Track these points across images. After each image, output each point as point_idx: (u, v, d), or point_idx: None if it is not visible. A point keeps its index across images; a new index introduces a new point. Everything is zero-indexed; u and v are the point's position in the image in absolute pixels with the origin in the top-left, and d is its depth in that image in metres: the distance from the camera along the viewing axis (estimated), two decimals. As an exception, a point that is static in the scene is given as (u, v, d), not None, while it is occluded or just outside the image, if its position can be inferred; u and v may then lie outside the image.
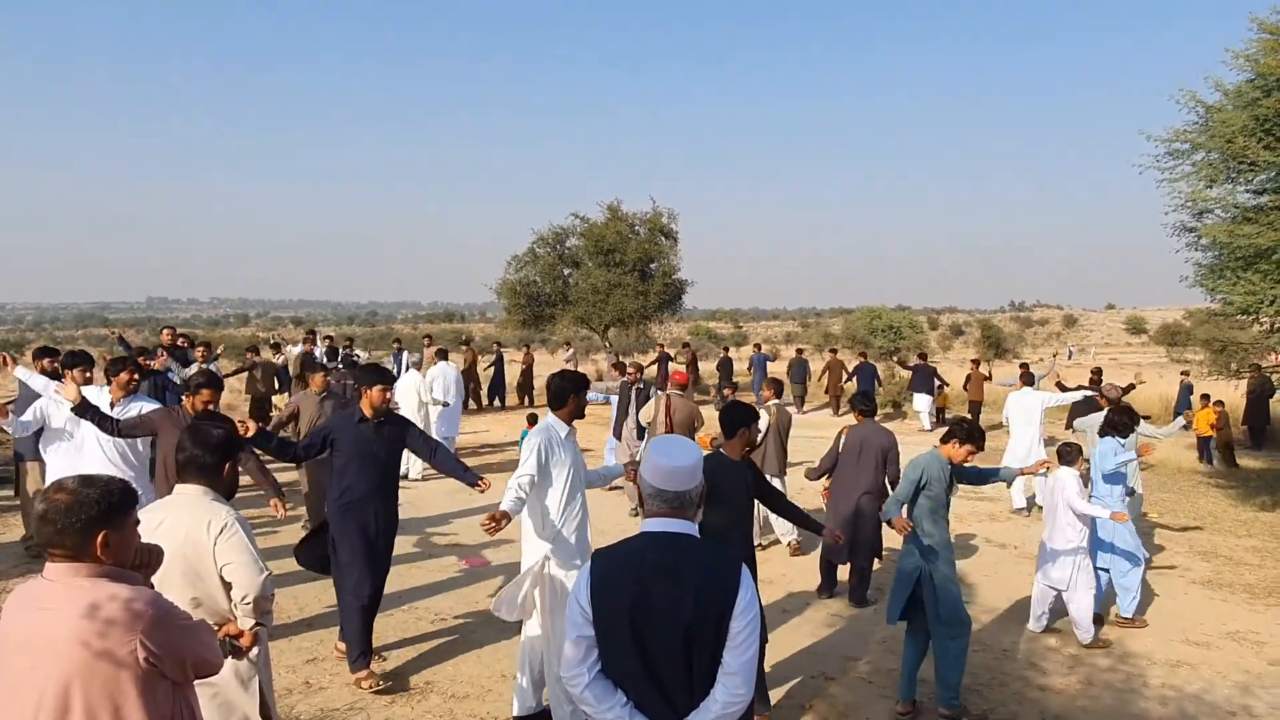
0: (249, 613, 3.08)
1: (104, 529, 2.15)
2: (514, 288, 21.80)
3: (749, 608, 2.23)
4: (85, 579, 2.11)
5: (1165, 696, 5.23)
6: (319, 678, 5.06)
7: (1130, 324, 71.67)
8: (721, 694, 2.21)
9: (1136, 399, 19.48)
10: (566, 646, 2.28)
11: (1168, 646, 6.04)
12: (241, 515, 3.18)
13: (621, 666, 2.24)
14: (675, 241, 22.12)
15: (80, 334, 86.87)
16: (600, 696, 2.23)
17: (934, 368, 18.88)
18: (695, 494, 2.36)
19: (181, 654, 2.20)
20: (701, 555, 2.28)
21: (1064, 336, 77.25)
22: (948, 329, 68.90)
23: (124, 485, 2.25)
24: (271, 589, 3.16)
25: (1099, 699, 5.18)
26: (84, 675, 2.06)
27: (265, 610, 3.15)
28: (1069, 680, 5.41)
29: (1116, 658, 5.83)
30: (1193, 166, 9.47)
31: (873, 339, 28.60)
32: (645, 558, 2.27)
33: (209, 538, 3.05)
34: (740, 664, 2.21)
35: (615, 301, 20.73)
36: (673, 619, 2.19)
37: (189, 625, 2.28)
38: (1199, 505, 10.98)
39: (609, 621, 2.23)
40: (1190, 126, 9.59)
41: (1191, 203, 9.56)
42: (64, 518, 2.11)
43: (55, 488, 2.15)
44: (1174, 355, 41.57)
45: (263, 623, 3.14)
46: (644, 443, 8.51)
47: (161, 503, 3.31)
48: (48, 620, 2.07)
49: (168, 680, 2.19)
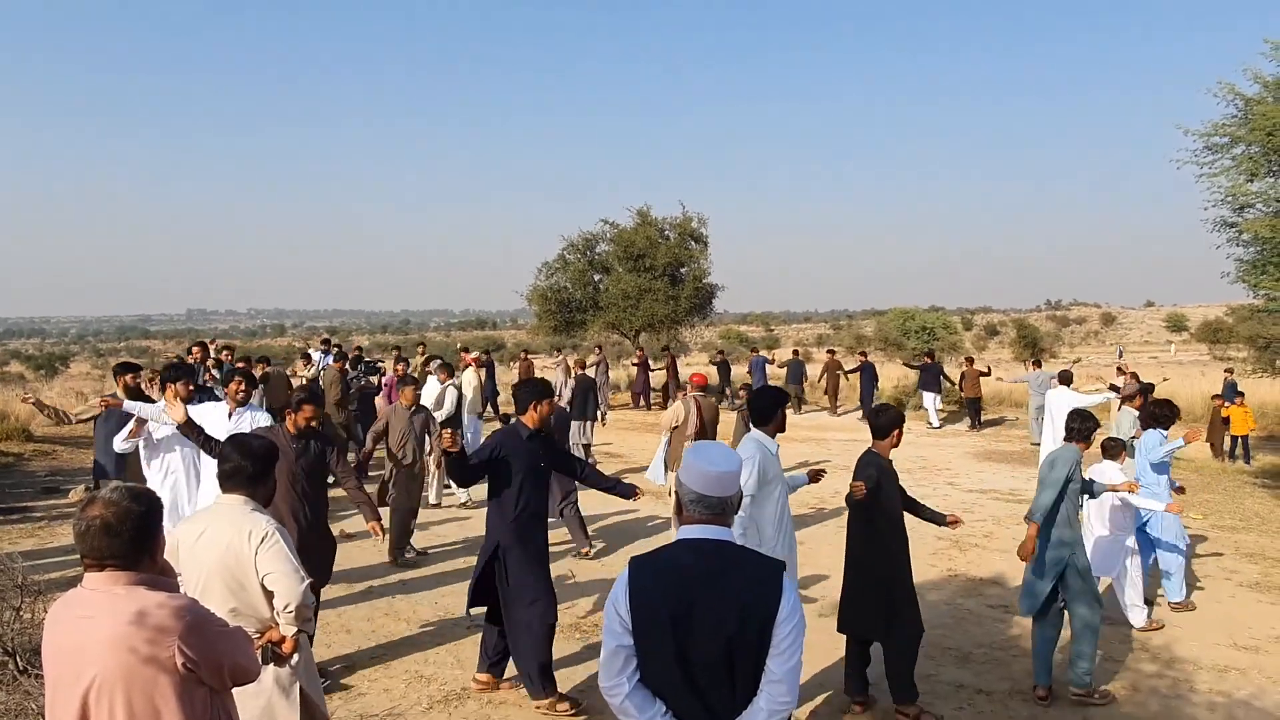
0: (291, 621, 3.13)
1: (152, 539, 2.22)
2: (545, 294, 21.92)
3: (792, 614, 2.20)
4: (123, 587, 2.15)
5: (1214, 702, 5.11)
6: (357, 683, 5.10)
7: (1170, 321, 70.44)
8: (766, 701, 2.19)
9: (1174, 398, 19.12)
10: (604, 656, 2.26)
11: (1215, 651, 5.90)
12: (281, 525, 3.23)
13: (662, 676, 2.22)
14: (705, 246, 22.12)
15: (123, 345, 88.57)
16: (641, 706, 2.21)
17: (940, 366, 18.92)
18: (736, 500, 2.34)
19: (218, 659, 2.23)
20: (743, 563, 2.26)
21: (1101, 335, 76.07)
22: (982, 329, 68.13)
23: (157, 496, 2.31)
24: (312, 598, 3.22)
25: (1145, 705, 5.08)
26: (125, 680, 2.09)
27: (306, 618, 3.20)
28: (1114, 686, 5.30)
29: (1163, 663, 5.71)
30: (1232, 160, 9.29)
31: (906, 340, 28.37)
32: (686, 566, 2.24)
33: (250, 547, 3.10)
34: (785, 670, 2.19)
35: (646, 307, 20.76)
36: (715, 629, 2.17)
37: (225, 631, 2.31)
38: (1245, 506, 10.74)
39: (649, 631, 2.20)
40: (1229, 120, 9.41)
41: (1232, 197, 9.38)
42: (118, 528, 2.15)
43: (104, 501, 2.18)
44: (1216, 353, 40.77)
45: (304, 629, 3.19)
46: (662, 450, 8.51)
47: (202, 513, 3.37)
48: (89, 628, 2.11)
49: (205, 686, 2.23)
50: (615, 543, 8.45)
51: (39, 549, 7.75)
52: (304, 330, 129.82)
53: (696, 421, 8.25)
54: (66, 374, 43.21)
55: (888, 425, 4.78)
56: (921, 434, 17.23)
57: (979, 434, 17.21)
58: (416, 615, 6.31)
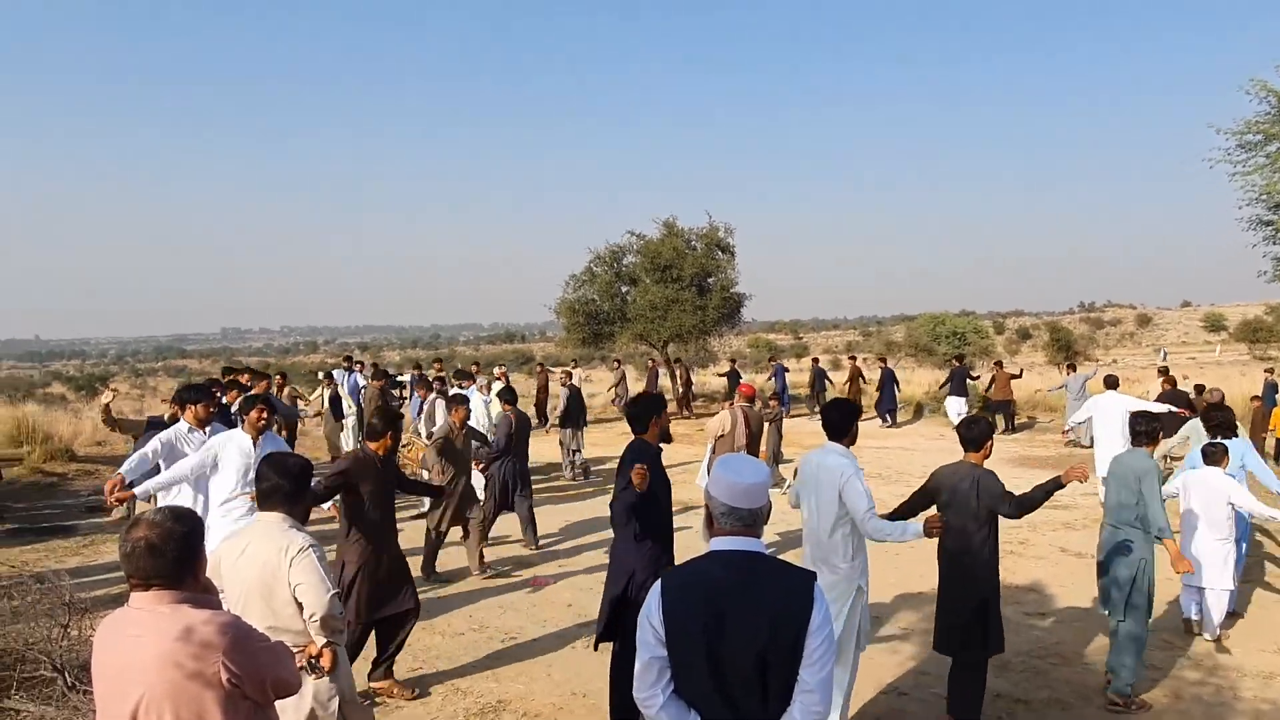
0: (318, 630, 3.24)
1: (195, 558, 2.28)
2: (573, 307, 21.98)
3: (824, 624, 2.22)
4: (168, 606, 2.21)
5: (1259, 710, 5.02)
6: (395, 697, 5.16)
7: (1208, 321, 69.12)
8: (799, 711, 2.21)
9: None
10: (638, 667, 2.28)
11: (1260, 658, 5.79)
12: (317, 542, 3.31)
13: (695, 687, 2.24)
14: (733, 255, 22.08)
15: (160, 365, 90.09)
16: (675, 717, 2.23)
17: (967, 369, 18.94)
18: (765, 511, 2.36)
19: (261, 674, 2.29)
20: (775, 574, 2.28)
21: (1137, 336, 74.89)
22: (1014, 333, 67.35)
23: (199, 516, 2.39)
24: (340, 609, 3.31)
25: (1188, 713, 5.00)
26: (173, 696, 2.15)
27: (335, 629, 3.30)
28: (1156, 695, 5.22)
29: (1206, 670, 5.61)
30: (1267, 159, 9.16)
31: (936, 346, 28.13)
32: (718, 578, 2.26)
33: (285, 561, 3.22)
34: (818, 681, 2.20)
35: (674, 317, 20.76)
36: (748, 640, 2.18)
37: (268, 646, 2.37)
38: (1289, 509, 10.51)
39: (682, 642, 2.22)
40: (1262, 117, 9.28)
41: (1267, 195, 9.23)
42: (162, 548, 2.21)
43: (148, 523, 2.24)
44: (1256, 352, 39.98)
45: (334, 641, 3.28)
46: (707, 458, 8.54)
47: (244, 530, 3.46)
48: (136, 646, 2.17)
49: (249, 700, 2.28)
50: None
51: (84, 566, 7.92)
52: (336, 347, 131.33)
53: (745, 431, 8.22)
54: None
55: (980, 437, 4.77)
56: (955, 439, 17.07)
57: (1011, 438, 17.01)
58: (451, 628, 6.36)
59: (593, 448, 14.91)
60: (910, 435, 18.01)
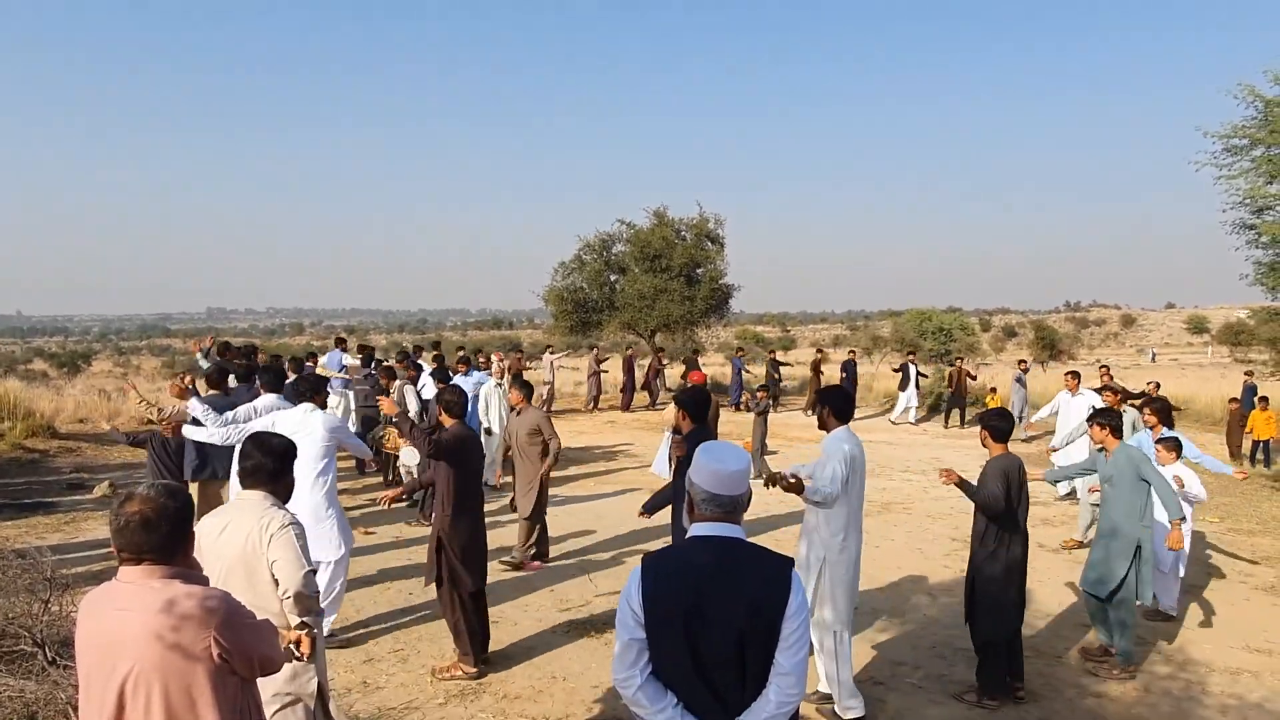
0: (292, 608, 3.21)
1: (187, 534, 2.31)
2: (561, 294, 21.98)
3: (800, 610, 2.26)
4: (159, 580, 2.23)
5: (1226, 705, 5.12)
6: (375, 677, 5.19)
7: (1191, 323, 69.73)
8: (775, 694, 2.25)
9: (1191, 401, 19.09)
10: (617, 649, 2.32)
11: (1228, 654, 5.90)
12: (298, 520, 3.33)
13: (673, 669, 2.28)
14: (722, 247, 22.12)
15: (144, 344, 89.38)
16: (653, 698, 2.27)
17: (915, 364, 19.57)
18: (746, 498, 2.40)
19: (250, 650, 2.32)
20: (754, 560, 2.32)
21: (1121, 336, 75.45)
22: (1000, 330, 67.73)
23: (190, 493, 2.41)
24: (315, 587, 3.28)
25: (1156, 707, 5.09)
26: (162, 671, 2.17)
27: (309, 609, 3.25)
28: (1125, 688, 5.32)
29: (1176, 665, 5.71)
30: (1252, 163, 9.25)
31: (922, 341, 28.27)
32: (699, 563, 2.30)
33: (264, 538, 3.22)
34: (793, 664, 2.25)
35: (662, 307, 20.80)
36: (727, 624, 2.23)
37: (256, 623, 2.40)
38: (1262, 510, 10.67)
39: (662, 625, 2.26)
40: (1249, 122, 9.36)
41: (1250, 199, 9.33)
42: (156, 523, 2.23)
43: (142, 498, 2.26)
44: (1237, 355, 40.35)
45: (307, 621, 3.24)
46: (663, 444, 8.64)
47: (226, 508, 3.46)
48: (125, 620, 2.19)
49: (236, 675, 2.31)
50: (626, 541, 8.52)
51: (65, 543, 7.90)
52: (322, 329, 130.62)
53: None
54: (89, 372, 43.74)
55: (1011, 429, 5.14)
56: (938, 434, 17.45)
57: (968, 430, 17.37)
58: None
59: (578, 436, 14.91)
60: (874, 429, 18.23)
